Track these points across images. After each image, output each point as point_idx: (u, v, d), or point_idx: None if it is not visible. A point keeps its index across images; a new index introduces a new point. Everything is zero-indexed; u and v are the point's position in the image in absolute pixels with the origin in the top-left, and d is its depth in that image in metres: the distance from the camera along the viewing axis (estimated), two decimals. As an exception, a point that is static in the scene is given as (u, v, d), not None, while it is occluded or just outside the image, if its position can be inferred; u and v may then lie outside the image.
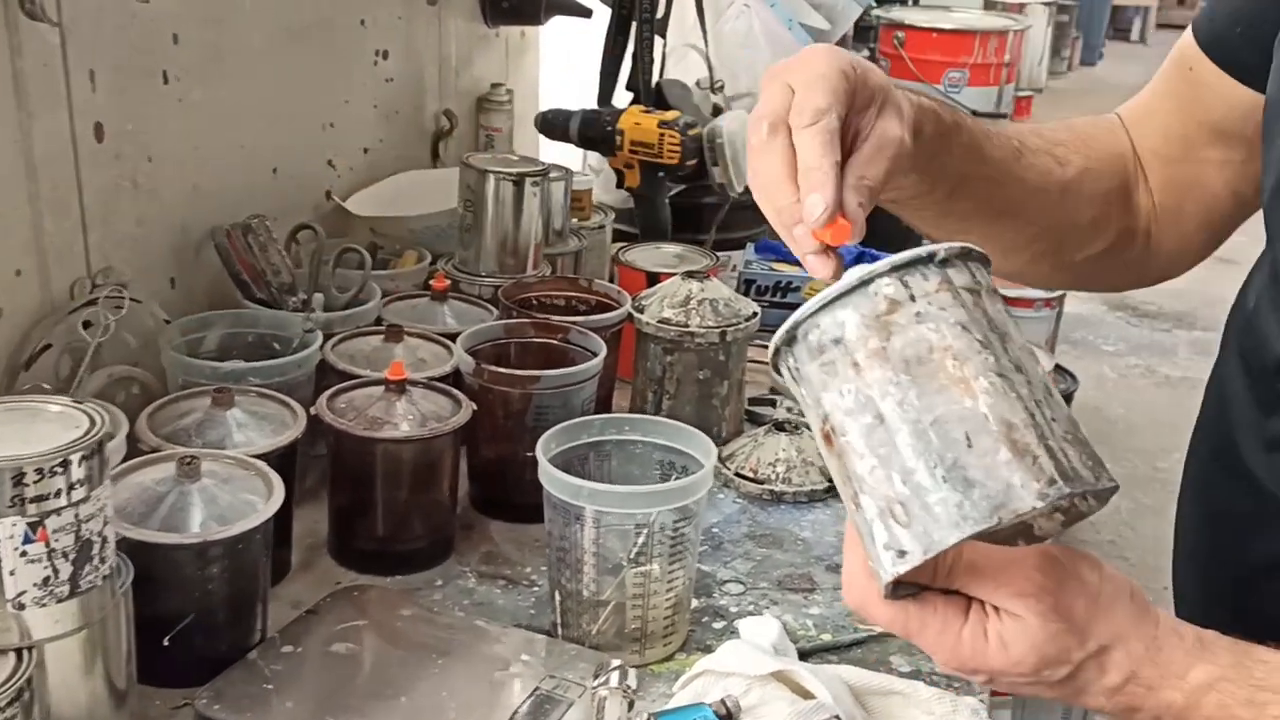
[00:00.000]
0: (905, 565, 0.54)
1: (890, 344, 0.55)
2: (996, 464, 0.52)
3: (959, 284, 0.56)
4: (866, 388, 0.55)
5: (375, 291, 1.22)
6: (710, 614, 1.00)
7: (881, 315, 0.56)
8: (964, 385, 0.54)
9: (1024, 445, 0.53)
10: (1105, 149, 0.88)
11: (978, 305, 0.56)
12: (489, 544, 1.08)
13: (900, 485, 0.54)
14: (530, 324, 1.16)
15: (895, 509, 0.54)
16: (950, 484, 0.53)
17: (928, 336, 0.55)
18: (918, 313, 0.55)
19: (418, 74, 1.58)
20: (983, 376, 0.54)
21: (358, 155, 1.49)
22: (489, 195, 1.28)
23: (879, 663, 0.94)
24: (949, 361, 0.54)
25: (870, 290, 0.56)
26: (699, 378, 1.23)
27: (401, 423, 1.01)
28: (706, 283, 1.24)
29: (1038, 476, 0.52)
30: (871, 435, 0.55)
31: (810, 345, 0.57)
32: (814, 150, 0.61)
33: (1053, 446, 0.53)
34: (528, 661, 0.89)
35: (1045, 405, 0.55)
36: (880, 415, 0.55)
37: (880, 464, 0.55)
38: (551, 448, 0.94)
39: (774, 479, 1.18)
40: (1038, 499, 0.52)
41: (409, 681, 0.87)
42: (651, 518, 0.89)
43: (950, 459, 0.53)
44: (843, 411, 0.56)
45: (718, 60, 1.74)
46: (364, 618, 0.94)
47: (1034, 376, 0.56)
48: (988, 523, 0.52)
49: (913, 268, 0.56)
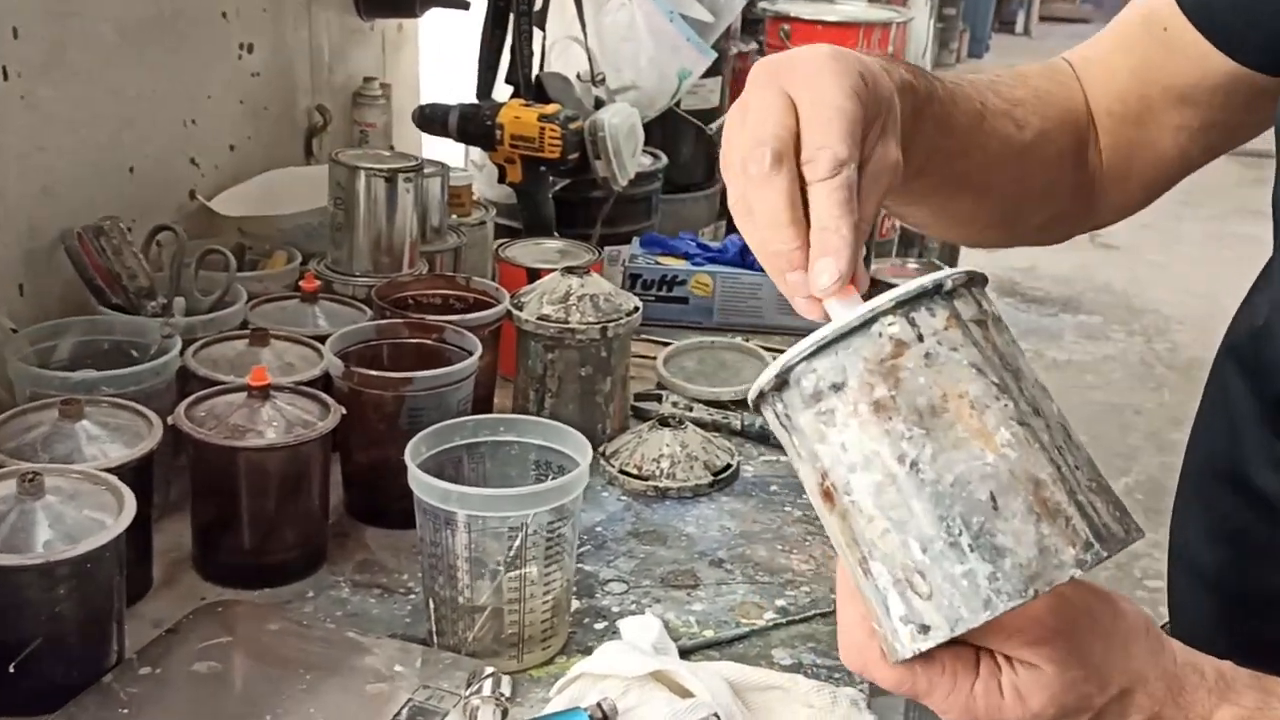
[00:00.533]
0: (928, 643, 0.50)
1: (899, 391, 0.49)
2: (1027, 529, 0.48)
3: (967, 317, 0.51)
4: (874, 442, 0.50)
5: (241, 294, 1.17)
6: (592, 615, 0.98)
7: (887, 359, 0.50)
8: (985, 438, 0.48)
9: (1055, 505, 0.48)
10: (1061, 108, 0.82)
11: (988, 340, 0.51)
12: (364, 552, 1.05)
13: (919, 553, 0.49)
14: (404, 324, 1.13)
15: (914, 579, 0.49)
16: (978, 553, 0.48)
17: (940, 382, 0.49)
18: (927, 354, 0.50)
19: (287, 68, 1.53)
20: (1004, 427, 0.49)
21: (223, 153, 1.43)
22: (360, 192, 1.24)
23: (760, 657, 0.94)
24: (966, 410, 0.49)
25: (873, 331, 0.50)
26: (581, 375, 1.21)
27: (266, 430, 0.97)
28: (587, 278, 1.22)
29: (1073, 540, 0.48)
30: (882, 495, 0.49)
31: (804, 392, 0.51)
32: (832, 210, 0.53)
33: (1083, 502, 0.49)
34: (401, 673, 0.87)
35: (1067, 451, 0.50)
36: (891, 474, 0.49)
37: (894, 528, 0.49)
38: (422, 451, 0.92)
39: (658, 475, 1.17)
40: (1075, 567, 0.48)
41: (275, 699, 0.83)
42: (526, 520, 0.87)
43: (976, 524, 0.48)
44: (846, 468, 0.50)
45: (600, 53, 1.72)
46: (229, 634, 0.90)
47: (1051, 418, 0.51)
48: (1022, 598, 0.47)
49: (919, 303, 0.50)
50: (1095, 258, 4.90)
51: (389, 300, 1.19)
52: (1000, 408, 0.49)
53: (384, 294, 1.20)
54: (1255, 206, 5.01)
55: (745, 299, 1.53)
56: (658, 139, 1.84)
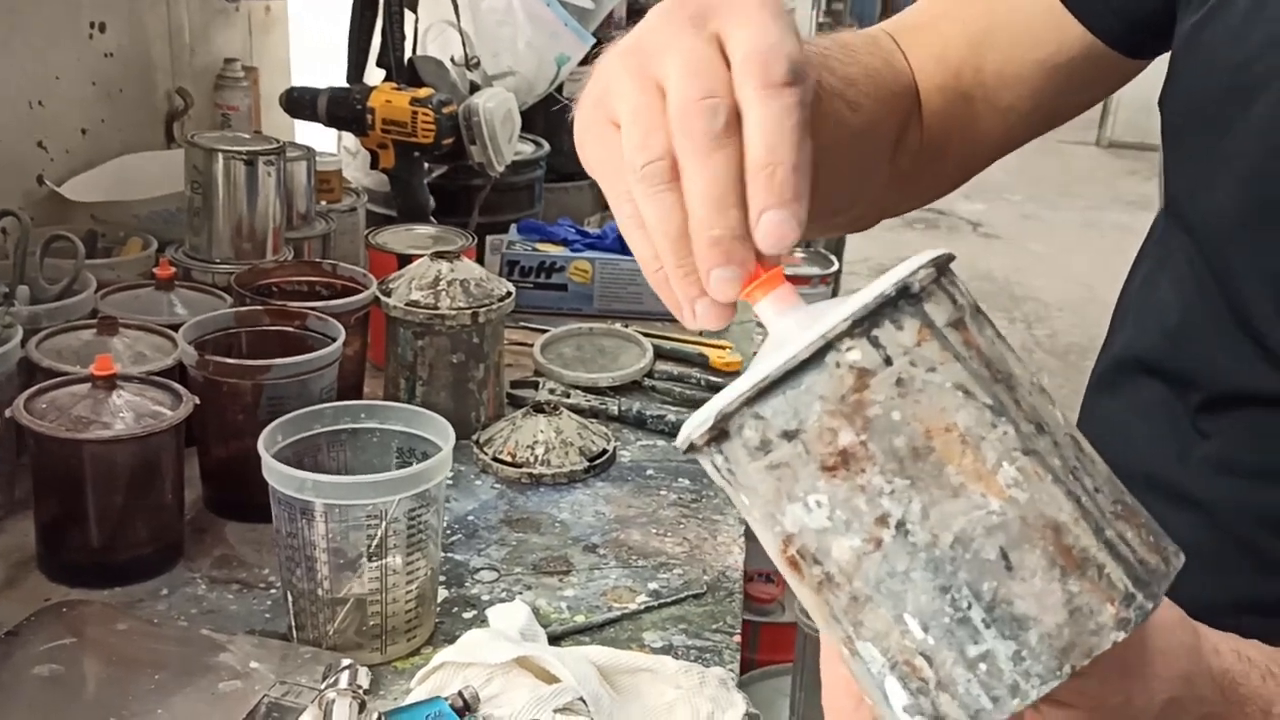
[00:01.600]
0: None
1: (870, 434, 0.39)
2: (1051, 589, 0.38)
3: (943, 322, 0.40)
4: (847, 498, 0.39)
5: (90, 282, 1.12)
6: (461, 604, 0.96)
7: (849, 393, 0.39)
8: (985, 480, 0.38)
9: (1082, 552, 0.38)
10: (889, 90, 0.72)
11: (970, 345, 0.40)
12: (223, 547, 1.01)
13: (919, 632, 0.39)
14: (264, 311, 1.09)
15: (917, 663, 0.39)
16: (996, 629, 0.38)
17: (920, 415, 0.39)
18: (899, 380, 0.39)
19: (143, 49, 1.47)
20: (1007, 461, 0.39)
21: (74, 137, 1.37)
22: (218, 176, 1.20)
23: (631, 641, 0.93)
24: (957, 447, 0.39)
25: (828, 361, 0.39)
26: (453, 362, 1.19)
27: (114, 422, 0.93)
28: (458, 263, 1.20)
29: (1110, 595, 0.38)
30: (865, 564, 0.39)
31: (748, 442, 0.40)
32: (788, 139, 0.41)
33: (1112, 539, 0.39)
34: (257, 669, 0.84)
35: (1083, 472, 0.40)
36: (873, 538, 0.39)
37: (885, 603, 0.39)
38: (278, 440, 0.88)
39: (532, 462, 1.15)
40: (1118, 629, 0.38)
41: (121, 702, 0.80)
42: (386, 508, 0.84)
43: (989, 594, 0.38)
44: (815, 532, 0.40)
45: (475, 37, 1.69)
46: (73, 636, 0.86)
47: (1057, 432, 0.41)
48: (1057, 678, 0.38)
49: (881, 316, 0.39)
50: (977, 247, 5.03)
51: (251, 288, 1.15)
52: (999, 436, 0.39)
53: (245, 281, 1.16)
54: (1129, 197, 5.26)
55: (625, 285, 1.52)
56: (540, 127, 1.83)
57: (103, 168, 1.37)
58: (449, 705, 0.76)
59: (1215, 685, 0.47)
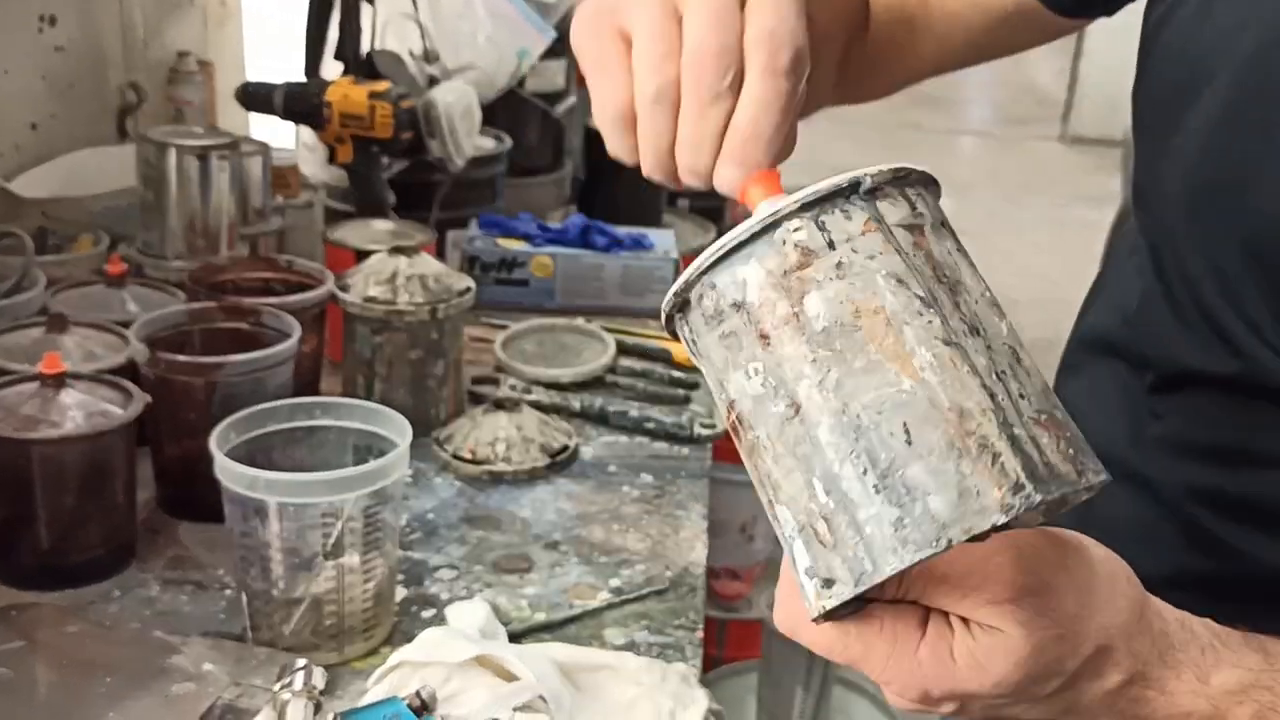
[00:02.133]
0: (832, 600, 0.42)
1: (804, 307, 0.43)
2: (945, 467, 0.40)
3: (893, 221, 0.43)
4: (778, 366, 0.43)
5: (40, 279, 1.10)
6: (420, 603, 0.95)
7: (792, 270, 0.43)
8: (901, 360, 0.41)
9: (982, 439, 0.41)
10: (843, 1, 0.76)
11: (919, 248, 0.43)
12: (177, 548, 0.99)
13: (823, 495, 0.42)
14: (217, 308, 1.08)
15: (818, 525, 0.42)
16: (885, 495, 0.41)
17: (853, 295, 0.42)
18: (839, 263, 0.43)
19: (95, 43, 1.44)
20: (925, 347, 0.41)
21: (24, 132, 1.34)
22: (171, 171, 1.18)
23: (593, 638, 0.92)
24: (881, 328, 0.42)
25: (776, 237, 0.43)
26: (411, 358, 1.18)
27: (63, 421, 0.91)
28: (416, 258, 1.19)
29: (999, 481, 0.40)
30: (786, 429, 0.43)
31: (705, 311, 0.45)
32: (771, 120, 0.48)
33: (1019, 436, 0.41)
34: (211, 671, 0.82)
35: (1010, 377, 0.42)
36: (795, 403, 0.43)
37: (798, 467, 0.43)
38: (231, 438, 0.87)
39: (493, 459, 1.14)
40: (1000, 512, 0.40)
41: (72, 706, 0.78)
42: (342, 506, 0.83)
43: (885, 461, 0.41)
44: (751, 398, 0.44)
45: (435, 31, 1.67)
46: (22, 639, 0.84)
47: (995, 339, 0.43)
48: (933, 548, 0.40)
49: (830, 203, 0.43)
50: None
51: (205, 284, 1.13)
52: (923, 324, 0.42)
53: (199, 278, 1.14)
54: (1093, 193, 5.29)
55: (588, 280, 1.52)
56: (502, 121, 1.81)
57: (53, 163, 1.35)
58: (406, 705, 0.75)
59: (1154, 646, 0.48)
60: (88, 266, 1.19)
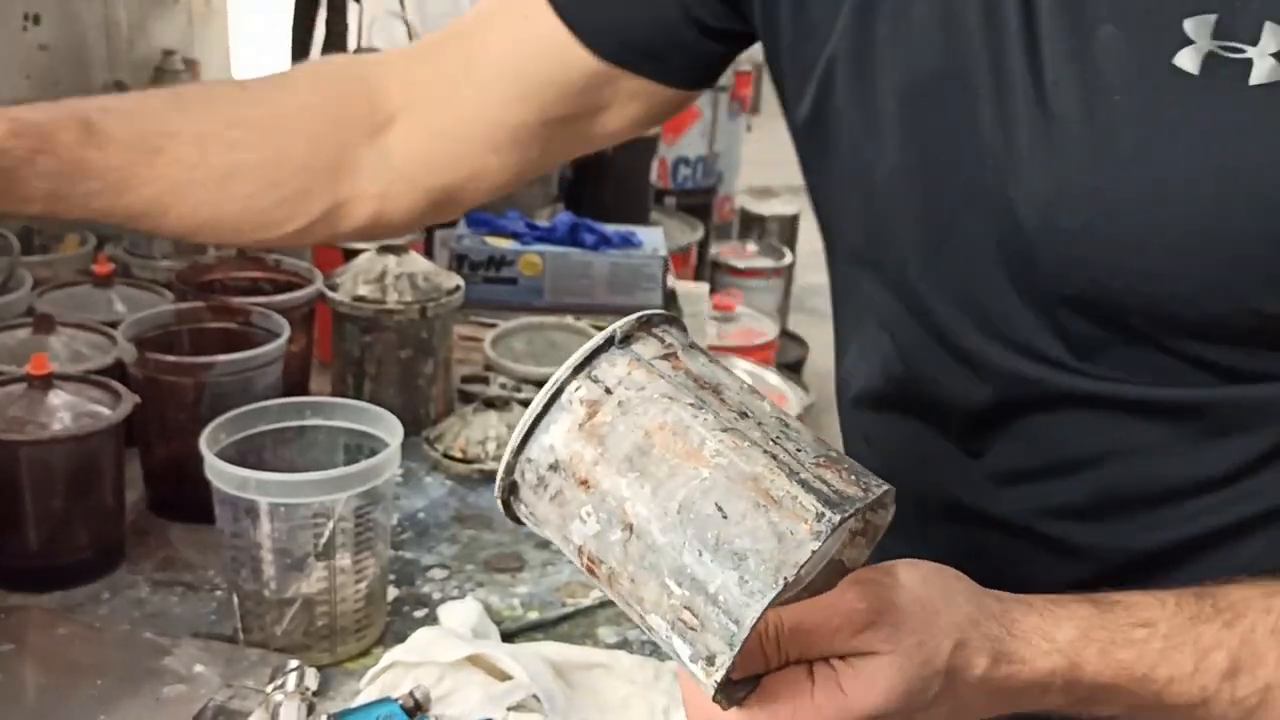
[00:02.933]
0: (719, 672, 0.48)
1: (605, 448, 0.50)
2: (759, 524, 0.47)
3: (649, 356, 0.52)
4: (602, 501, 0.50)
5: (26, 279, 1.09)
6: (412, 602, 0.95)
7: (585, 421, 0.50)
8: (694, 456, 0.49)
9: (779, 491, 0.48)
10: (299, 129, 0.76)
11: (676, 369, 0.52)
12: (167, 549, 0.99)
13: (678, 589, 0.48)
14: (206, 308, 1.07)
15: (684, 616, 0.48)
16: (722, 564, 0.47)
17: (639, 423, 0.50)
18: (619, 402, 0.50)
19: (79, 41, 1.43)
20: (710, 439, 0.49)
21: (9, 131, 1.33)
22: (158, 170, 1.17)
23: (585, 636, 0.92)
24: (669, 438, 0.49)
25: (564, 400, 0.51)
26: (401, 357, 1.17)
27: (51, 422, 0.90)
28: (404, 257, 1.18)
29: (804, 517, 0.47)
30: (629, 549, 0.49)
31: (530, 483, 0.52)
32: None
33: (807, 479, 0.49)
34: (202, 673, 0.82)
35: (785, 439, 0.50)
36: (626, 525, 0.49)
37: (650, 575, 0.49)
38: (221, 439, 0.87)
39: (484, 457, 1.14)
40: (814, 540, 0.47)
41: (62, 709, 0.78)
42: (333, 506, 0.83)
43: (712, 538, 0.48)
44: (592, 538, 0.50)
45: (423, 30, 1.67)
46: (12, 642, 0.84)
47: (763, 416, 0.51)
48: (775, 588, 0.47)
49: (596, 360, 0.51)
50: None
51: (192, 284, 1.13)
52: (701, 423, 0.49)
53: (187, 278, 1.13)
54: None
55: (576, 278, 1.52)
56: (488, 120, 1.81)
57: (38, 163, 1.34)
58: (400, 706, 0.75)
59: (1000, 626, 0.53)
60: (74, 267, 1.18)
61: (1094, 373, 0.61)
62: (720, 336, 2.40)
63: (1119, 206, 0.56)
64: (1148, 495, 0.63)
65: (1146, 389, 0.60)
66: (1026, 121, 0.58)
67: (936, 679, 0.51)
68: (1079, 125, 0.57)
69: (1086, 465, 0.64)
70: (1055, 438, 0.64)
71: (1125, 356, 0.60)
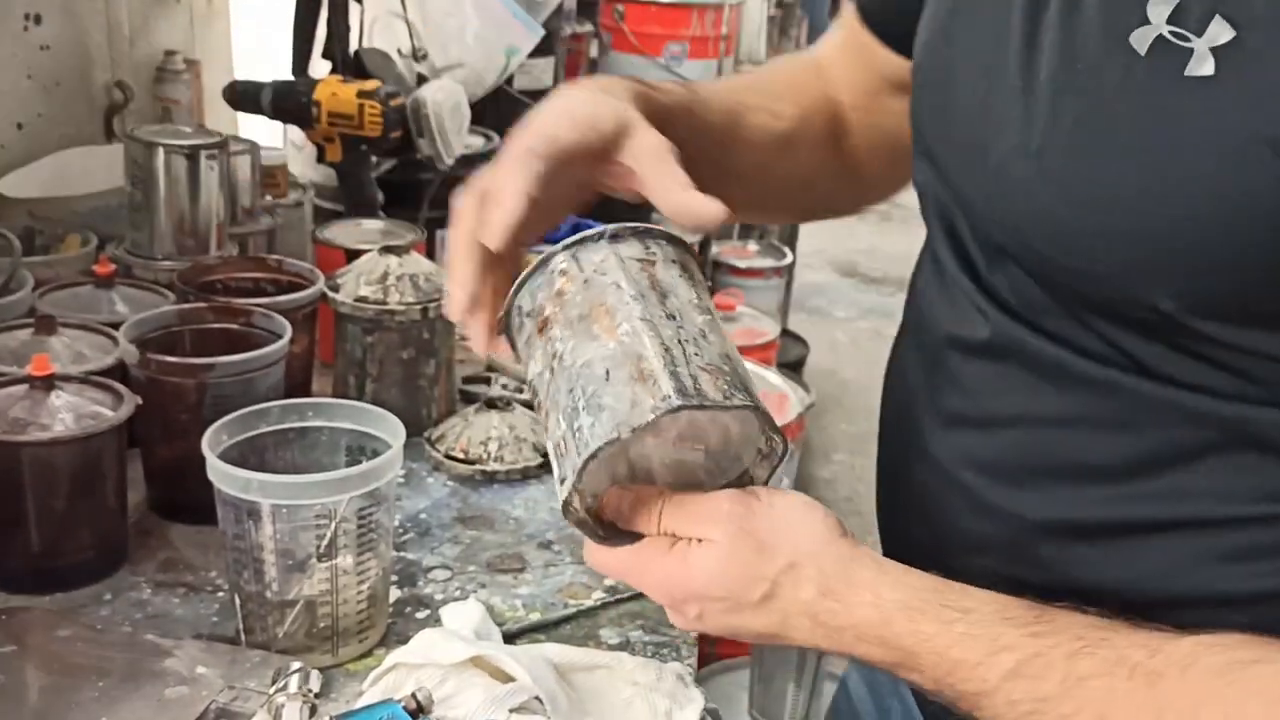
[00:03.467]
0: (565, 490, 0.60)
1: (561, 308, 0.61)
2: (625, 390, 0.58)
3: (626, 255, 0.62)
4: (545, 347, 0.61)
5: (27, 280, 1.09)
6: (414, 604, 0.95)
7: (557, 287, 0.62)
8: (610, 332, 0.60)
9: (649, 372, 0.58)
10: (813, 97, 0.88)
11: (644, 270, 0.62)
12: (169, 550, 0.99)
13: (562, 423, 0.60)
14: (208, 308, 1.07)
15: (560, 444, 0.60)
16: (588, 411, 0.59)
17: (590, 298, 0.61)
18: (585, 280, 0.61)
19: (81, 41, 1.43)
20: (626, 322, 0.60)
21: (10, 131, 1.33)
22: (159, 171, 1.17)
23: (588, 637, 0.92)
24: (603, 314, 0.60)
25: (549, 268, 0.62)
26: (403, 358, 1.17)
27: (53, 423, 0.90)
28: (406, 258, 1.18)
29: (654, 394, 0.58)
30: (548, 388, 0.61)
31: (515, 326, 0.64)
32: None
33: (679, 372, 0.58)
34: (204, 675, 0.82)
35: (690, 344, 0.60)
36: (552, 369, 0.61)
37: (551, 409, 0.61)
38: (222, 440, 0.86)
39: (486, 458, 1.14)
40: (651, 411, 0.58)
41: (64, 710, 0.78)
42: (335, 507, 0.83)
43: (590, 391, 0.59)
44: (535, 375, 0.62)
45: (424, 29, 1.67)
46: (13, 644, 0.83)
47: (689, 324, 0.61)
48: (610, 436, 0.58)
49: (584, 245, 0.62)
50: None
51: (194, 284, 1.12)
52: (629, 311, 0.60)
53: (188, 278, 1.13)
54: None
55: (578, 278, 1.51)
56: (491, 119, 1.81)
57: (40, 163, 1.34)
58: (402, 707, 0.75)
59: (840, 570, 0.60)
60: (76, 267, 1.18)
61: (1039, 329, 0.64)
62: (722, 336, 2.39)
63: (1052, 173, 0.59)
64: (1057, 468, 0.65)
65: (1070, 358, 0.63)
66: (1012, 75, 0.62)
67: (761, 583, 0.60)
68: (1045, 88, 0.60)
69: (1010, 423, 0.67)
70: (993, 389, 0.68)
71: (1061, 322, 0.63)
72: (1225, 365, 0.57)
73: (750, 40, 2.97)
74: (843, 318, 4.27)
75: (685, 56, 2.53)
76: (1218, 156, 0.53)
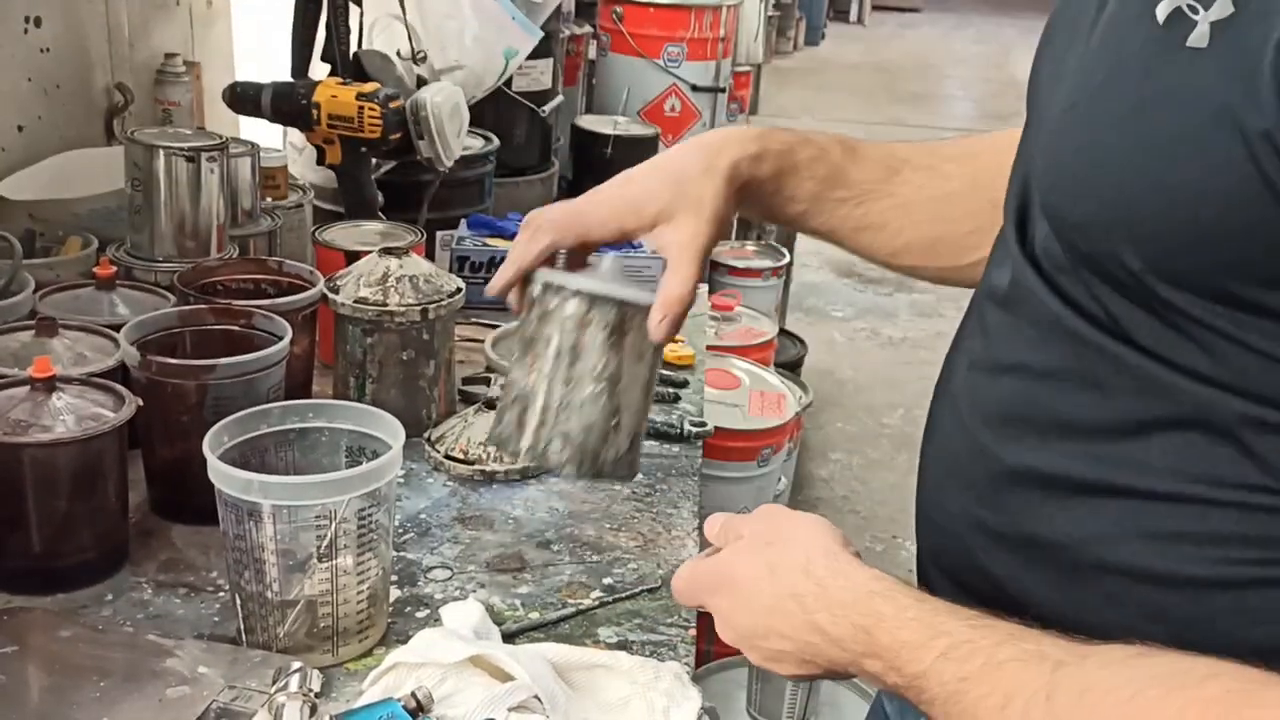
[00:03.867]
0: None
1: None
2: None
3: (570, 311, 0.77)
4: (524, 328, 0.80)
5: (28, 282, 1.09)
6: (414, 603, 0.95)
7: (537, 294, 0.79)
8: (529, 369, 0.78)
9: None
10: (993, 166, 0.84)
11: (577, 329, 0.77)
12: (170, 551, 0.99)
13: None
14: (208, 310, 1.08)
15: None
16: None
17: (537, 331, 0.79)
18: (542, 314, 0.79)
19: (81, 44, 1.43)
20: (536, 371, 0.78)
21: (10, 134, 1.34)
22: (160, 173, 1.17)
23: (586, 636, 0.92)
24: (533, 352, 0.78)
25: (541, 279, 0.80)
26: (403, 359, 1.18)
27: (54, 425, 0.91)
28: (406, 259, 1.19)
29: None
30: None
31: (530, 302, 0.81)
32: None
33: (540, 433, 0.78)
34: (205, 674, 0.82)
35: (565, 409, 0.78)
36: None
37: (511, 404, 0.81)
38: (223, 441, 0.87)
39: (485, 459, 1.14)
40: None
41: (66, 710, 0.78)
42: (336, 508, 0.83)
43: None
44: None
45: (424, 31, 1.67)
46: (15, 644, 0.84)
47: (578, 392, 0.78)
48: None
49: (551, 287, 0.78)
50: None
51: (195, 286, 1.13)
52: (542, 365, 0.77)
53: (189, 280, 1.14)
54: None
55: (576, 280, 1.52)
56: (490, 121, 1.81)
57: (40, 165, 1.34)
58: (402, 706, 0.76)
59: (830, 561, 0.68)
60: (76, 269, 1.19)
61: (1052, 285, 0.66)
62: (719, 336, 2.40)
63: (1073, 129, 0.64)
64: (1035, 419, 0.68)
65: (1068, 314, 0.65)
66: (1080, 39, 0.65)
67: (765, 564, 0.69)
68: (1092, 50, 0.64)
69: (1009, 370, 0.70)
70: (1004, 337, 0.71)
71: (1068, 279, 0.65)
72: (1197, 340, 0.59)
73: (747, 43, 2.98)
74: (840, 318, 4.27)
75: (684, 58, 2.54)
76: (1193, 128, 0.56)
